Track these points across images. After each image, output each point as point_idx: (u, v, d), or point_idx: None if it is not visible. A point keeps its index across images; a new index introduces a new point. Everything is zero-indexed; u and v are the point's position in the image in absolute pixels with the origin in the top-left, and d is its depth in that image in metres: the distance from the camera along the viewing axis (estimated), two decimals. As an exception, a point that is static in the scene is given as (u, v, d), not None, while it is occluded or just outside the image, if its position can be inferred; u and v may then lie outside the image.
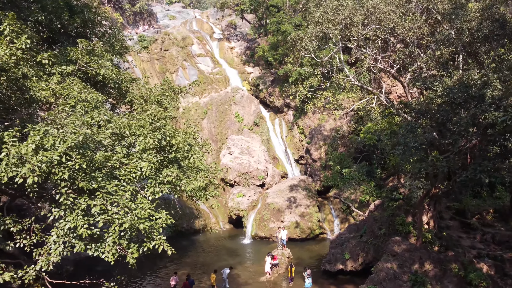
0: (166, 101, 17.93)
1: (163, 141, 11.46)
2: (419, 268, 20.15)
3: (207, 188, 14.47)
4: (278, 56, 44.10)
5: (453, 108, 16.63)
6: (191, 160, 13.91)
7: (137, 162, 10.91)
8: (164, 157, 11.80)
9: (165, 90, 18.51)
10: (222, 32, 67.70)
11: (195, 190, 12.86)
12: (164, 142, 11.51)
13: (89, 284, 14.43)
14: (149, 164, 10.73)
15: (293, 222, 33.11)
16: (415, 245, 21.36)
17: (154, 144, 11.14)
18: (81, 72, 15.77)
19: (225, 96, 46.44)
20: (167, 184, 11.35)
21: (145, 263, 28.28)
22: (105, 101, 15.53)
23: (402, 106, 18.50)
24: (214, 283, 22.80)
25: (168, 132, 11.55)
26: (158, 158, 11.17)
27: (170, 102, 18.00)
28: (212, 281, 22.77)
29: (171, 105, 18.26)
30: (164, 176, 11.24)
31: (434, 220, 25.61)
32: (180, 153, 14.11)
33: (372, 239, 25.41)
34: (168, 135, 11.50)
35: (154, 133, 11.25)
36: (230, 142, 41.42)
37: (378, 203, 30.86)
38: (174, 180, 11.25)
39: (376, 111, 20.45)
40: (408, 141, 16.75)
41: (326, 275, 25.59)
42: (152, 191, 10.96)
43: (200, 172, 13.30)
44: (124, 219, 9.84)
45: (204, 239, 34.43)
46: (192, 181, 12.10)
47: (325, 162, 38.51)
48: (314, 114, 45.04)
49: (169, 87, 19.53)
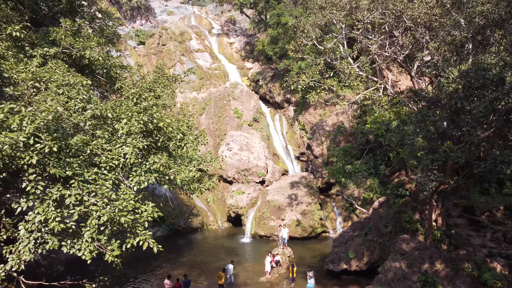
0: (159, 88, 16.64)
1: (149, 124, 10.19)
2: (429, 267, 18.89)
3: (202, 180, 13.21)
4: (278, 49, 42.81)
5: (468, 95, 15.39)
6: (184, 149, 12.64)
7: (120, 148, 9.66)
8: (151, 142, 10.52)
9: (158, 78, 17.21)
10: (221, 27, 66.47)
11: (187, 180, 11.57)
12: (151, 125, 10.24)
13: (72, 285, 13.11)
14: (134, 149, 9.47)
15: (294, 220, 31.86)
16: (424, 244, 20.11)
17: (139, 127, 9.88)
18: (65, 55, 14.50)
19: (224, 91, 45.18)
20: (154, 173, 10.08)
21: (139, 263, 27.06)
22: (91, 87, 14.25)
23: (412, 95, 17.22)
24: (223, 282, 21.46)
25: (156, 114, 10.28)
26: (144, 143, 9.92)
27: (164, 89, 16.68)
28: (222, 280, 21.39)
29: (165, 93, 16.95)
30: (150, 164, 9.97)
31: (442, 217, 24.38)
32: (173, 142, 12.86)
33: (377, 237, 24.16)
34: (155, 118, 10.23)
35: (139, 115, 9.99)
36: (229, 138, 40.16)
37: (383, 200, 29.63)
38: (162, 168, 9.99)
39: (384, 100, 19.21)
40: (419, 131, 15.47)
41: (329, 275, 24.34)
42: (137, 180, 9.70)
43: (193, 162, 12.04)
44: (102, 211, 8.57)
45: (201, 238, 33.18)
46: (183, 169, 10.80)
47: (327, 158, 37.24)
48: (316, 110, 43.81)
49: (162, 74, 18.24)
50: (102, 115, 10.07)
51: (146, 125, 10.09)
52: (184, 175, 10.57)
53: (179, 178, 10.43)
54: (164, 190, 35.18)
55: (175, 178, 10.48)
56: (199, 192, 13.10)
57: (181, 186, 13.52)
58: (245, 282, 23.65)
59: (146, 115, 10.04)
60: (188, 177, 10.81)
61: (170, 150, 11.54)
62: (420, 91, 17.19)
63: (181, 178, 10.44)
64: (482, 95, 15.14)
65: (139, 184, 9.75)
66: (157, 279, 24.35)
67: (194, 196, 37.75)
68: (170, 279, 21.34)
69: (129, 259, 28.44)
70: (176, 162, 11.25)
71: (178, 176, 10.41)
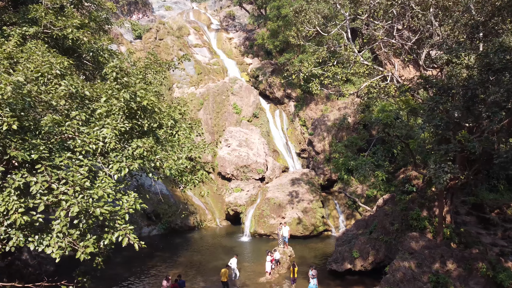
0: (150, 74, 15.40)
1: (132, 103, 8.96)
2: (440, 267, 17.69)
3: (195, 172, 11.98)
4: (279, 43, 41.56)
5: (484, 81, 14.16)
6: (175, 137, 11.41)
7: (99, 130, 8.44)
8: (135, 125, 9.28)
9: (150, 64, 15.97)
10: (220, 23, 65.26)
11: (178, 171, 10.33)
12: (133, 104, 9.00)
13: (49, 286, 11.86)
14: (113, 131, 8.24)
15: (295, 218, 30.63)
16: (435, 242, 18.89)
17: (120, 106, 8.66)
18: (46, 36, 13.26)
19: (223, 86, 43.96)
20: (138, 159, 8.84)
21: (133, 263, 25.83)
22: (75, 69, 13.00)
23: (422, 82, 15.99)
24: (227, 279, 20.58)
25: (139, 92, 9.02)
26: (126, 125, 8.71)
27: (155, 75, 15.45)
28: (225, 276, 20.46)
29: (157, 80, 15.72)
30: (133, 148, 8.75)
31: (451, 215, 23.15)
32: (163, 129, 11.63)
33: (383, 236, 22.94)
34: (139, 96, 8.97)
35: (120, 92, 8.76)
36: (227, 134, 38.93)
37: (387, 197, 28.41)
38: (147, 153, 8.75)
39: (392, 87, 17.99)
40: (432, 119, 14.23)
41: (333, 275, 23.12)
42: (117, 168, 8.48)
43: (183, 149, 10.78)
44: (73, 201, 7.35)
45: (199, 237, 31.95)
46: (171, 155, 9.55)
47: (329, 155, 36.03)
48: (317, 105, 42.62)
49: (155, 60, 16.98)
50: (79, 93, 8.84)
51: (128, 104, 8.85)
52: (172, 162, 9.33)
53: (166, 165, 9.19)
54: (160, 187, 33.97)
55: (162, 166, 9.25)
56: (192, 185, 11.87)
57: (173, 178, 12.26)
58: (244, 282, 22.45)
59: (128, 92, 8.80)
60: (177, 165, 9.58)
61: (158, 135, 10.31)
62: (431, 78, 15.96)
63: (168, 165, 9.20)
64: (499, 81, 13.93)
65: (120, 171, 8.52)
66: (152, 279, 23.11)
67: (191, 193, 36.76)
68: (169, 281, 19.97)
69: (122, 259, 27.31)
70: (164, 148, 10.02)
71: (165, 163, 9.17)
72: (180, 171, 11.17)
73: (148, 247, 29.70)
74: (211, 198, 37.07)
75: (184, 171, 11.60)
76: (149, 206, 32.29)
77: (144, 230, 31.90)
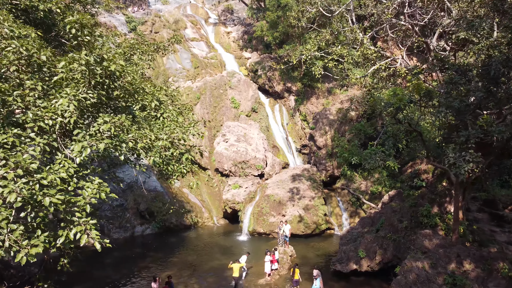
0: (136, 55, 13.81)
1: (97, 69, 7.34)
2: (456, 268, 16.12)
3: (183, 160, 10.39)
4: (278, 34, 39.91)
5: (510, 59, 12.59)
6: (160, 120, 9.82)
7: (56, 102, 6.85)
8: (102, 95, 7.68)
9: (137, 43, 14.38)
10: (218, 17, 63.61)
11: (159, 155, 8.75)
12: (98, 69, 7.38)
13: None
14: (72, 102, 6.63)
15: (296, 215, 29.05)
16: (449, 240, 17.32)
17: (82, 70, 7.07)
18: (13, 7, 11.65)
19: (220, 80, 42.32)
20: (106, 138, 7.23)
21: (123, 264, 24.22)
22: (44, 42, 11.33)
23: (438, 63, 14.40)
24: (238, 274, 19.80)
25: (106, 55, 7.39)
26: (91, 96, 7.13)
27: (142, 56, 13.85)
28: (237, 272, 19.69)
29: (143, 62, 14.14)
30: (100, 124, 7.17)
31: (463, 211, 21.59)
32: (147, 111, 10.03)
33: (391, 234, 21.38)
34: (106, 59, 7.34)
35: (81, 54, 7.17)
36: (225, 129, 37.32)
37: (393, 193, 26.88)
38: (116, 130, 7.15)
39: (403, 70, 16.40)
40: (451, 102, 12.64)
41: (337, 276, 21.56)
42: (79, 148, 6.89)
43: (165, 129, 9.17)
44: (10, 187, 5.76)
45: (195, 236, 30.35)
46: (147, 134, 7.94)
47: (331, 150, 34.46)
48: (318, 99, 41.06)
49: (143, 41, 15.40)
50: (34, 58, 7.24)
51: (92, 70, 7.24)
52: (148, 142, 7.73)
53: (140, 145, 7.61)
54: (154, 184, 32.37)
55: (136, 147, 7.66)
56: (179, 174, 10.28)
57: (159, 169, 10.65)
58: (242, 284, 20.87)
59: (92, 55, 7.19)
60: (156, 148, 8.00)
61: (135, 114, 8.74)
62: (447, 58, 14.37)
63: (142, 146, 7.62)
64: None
65: (80, 152, 6.94)
66: (143, 281, 21.52)
67: (187, 190, 35.11)
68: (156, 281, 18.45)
69: (113, 260, 25.71)
70: (141, 127, 8.44)
71: (139, 143, 7.58)
72: (165, 159, 9.58)
73: (141, 247, 28.35)
74: (208, 196, 35.50)
75: (170, 159, 10.00)
76: (142, 203, 30.67)
77: (137, 229, 30.31)
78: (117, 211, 29.90)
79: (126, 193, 30.71)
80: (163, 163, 10.13)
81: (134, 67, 12.33)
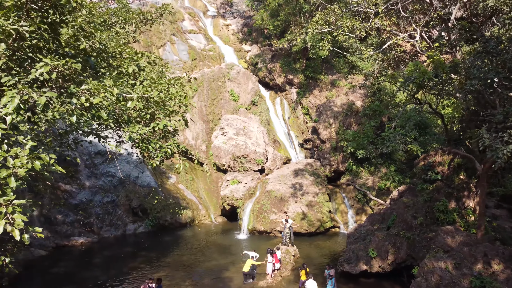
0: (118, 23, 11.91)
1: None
2: (483, 268, 14.22)
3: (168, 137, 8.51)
4: (280, 23, 38.00)
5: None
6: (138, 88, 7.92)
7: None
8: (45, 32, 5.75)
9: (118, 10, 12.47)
10: (217, 10, 61.79)
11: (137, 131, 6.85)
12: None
13: None
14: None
15: (299, 212, 27.15)
16: (474, 237, 15.41)
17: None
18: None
19: (219, 72, 40.45)
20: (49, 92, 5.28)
21: (113, 264, 22.32)
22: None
23: (465, 33, 12.50)
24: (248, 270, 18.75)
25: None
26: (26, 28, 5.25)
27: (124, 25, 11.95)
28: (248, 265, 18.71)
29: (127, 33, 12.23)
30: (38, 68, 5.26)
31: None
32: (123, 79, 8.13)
33: (404, 231, 19.47)
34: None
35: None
36: (223, 122, 35.44)
37: (403, 189, 25.00)
38: (57, 76, 5.21)
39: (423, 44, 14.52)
40: (485, 73, 10.72)
41: (345, 277, 19.67)
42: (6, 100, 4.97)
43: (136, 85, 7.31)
44: None
45: (191, 235, 28.44)
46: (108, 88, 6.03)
47: (336, 143, 32.55)
48: (321, 91, 39.19)
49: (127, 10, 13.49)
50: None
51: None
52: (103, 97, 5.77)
53: (96, 101, 5.72)
54: (148, 179, 30.44)
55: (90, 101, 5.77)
56: (162, 154, 8.39)
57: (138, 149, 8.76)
58: (241, 286, 18.99)
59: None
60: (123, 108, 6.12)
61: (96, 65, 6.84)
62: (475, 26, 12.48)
63: (98, 101, 5.71)
64: None
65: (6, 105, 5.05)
66: (133, 283, 19.60)
67: (183, 186, 33.15)
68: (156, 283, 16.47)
69: (101, 259, 23.81)
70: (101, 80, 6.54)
71: (96, 98, 5.69)
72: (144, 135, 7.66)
73: (132, 246, 26.33)
74: (205, 192, 33.59)
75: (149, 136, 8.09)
76: (135, 200, 28.76)
77: (129, 227, 28.41)
78: (108, 208, 27.99)
79: (118, 189, 28.80)
80: (142, 141, 8.23)
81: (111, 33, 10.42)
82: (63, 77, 5.41)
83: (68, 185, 27.10)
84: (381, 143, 15.30)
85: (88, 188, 27.83)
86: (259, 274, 19.91)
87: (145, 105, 6.90)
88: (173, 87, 7.86)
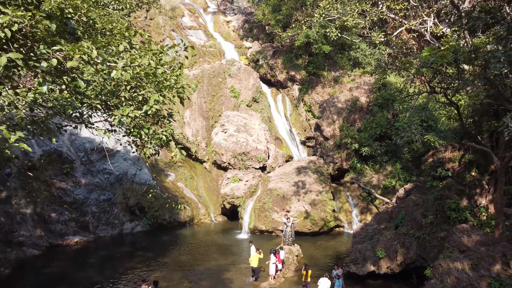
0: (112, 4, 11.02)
1: None
2: (502, 269, 13.28)
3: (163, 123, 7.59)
4: (282, 17, 37.07)
5: None
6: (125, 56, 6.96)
7: None
8: None
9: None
10: (218, 6, 60.90)
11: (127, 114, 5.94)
12: None
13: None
14: None
15: (302, 211, 26.22)
16: (492, 236, 14.48)
17: None
18: None
19: (219, 68, 39.52)
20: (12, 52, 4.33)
21: (108, 264, 21.39)
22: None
23: (484, 15, 11.57)
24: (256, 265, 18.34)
25: None
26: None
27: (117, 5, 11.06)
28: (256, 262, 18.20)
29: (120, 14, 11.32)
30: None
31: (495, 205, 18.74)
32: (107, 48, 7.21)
33: (414, 230, 18.56)
34: None
35: None
36: (224, 119, 34.51)
37: (410, 187, 24.08)
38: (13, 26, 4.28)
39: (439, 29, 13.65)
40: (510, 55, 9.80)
41: (351, 279, 18.76)
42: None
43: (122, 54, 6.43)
44: None
45: (190, 234, 27.52)
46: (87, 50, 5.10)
47: (339, 140, 31.62)
48: (324, 88, 38.23)
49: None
50: None
51: None
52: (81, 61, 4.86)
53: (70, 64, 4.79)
54: (146, 177, 29.50)
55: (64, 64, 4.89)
56: (157, 141, 7.48)
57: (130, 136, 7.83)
58: (247, 285, 18.10)
59: None
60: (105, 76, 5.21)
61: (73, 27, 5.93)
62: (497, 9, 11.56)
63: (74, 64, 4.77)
64: None
65: None
66: (129, 284, 18.67)
67: (183, 184, 32.21)
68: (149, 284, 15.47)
69: (97, 259, 22.88)
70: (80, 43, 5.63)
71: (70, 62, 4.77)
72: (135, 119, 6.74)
73: (129, 246, 25.36)
74: (205, 191, 32.66)
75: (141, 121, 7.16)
76: (132, 198, 27.82)
77: (126, 226, 27.48)
78: (104, 206, 27.05)
79: (115, 187, 27.87)
80: (134, 126, 7.30)
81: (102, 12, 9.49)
82: (33, 37, 4.55)
83: (63, 182, 26.16)
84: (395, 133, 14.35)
85: (84, 185, 26.90)
86: (262, 276, 19.00)
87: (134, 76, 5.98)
88: (166, 55, 6.99)
